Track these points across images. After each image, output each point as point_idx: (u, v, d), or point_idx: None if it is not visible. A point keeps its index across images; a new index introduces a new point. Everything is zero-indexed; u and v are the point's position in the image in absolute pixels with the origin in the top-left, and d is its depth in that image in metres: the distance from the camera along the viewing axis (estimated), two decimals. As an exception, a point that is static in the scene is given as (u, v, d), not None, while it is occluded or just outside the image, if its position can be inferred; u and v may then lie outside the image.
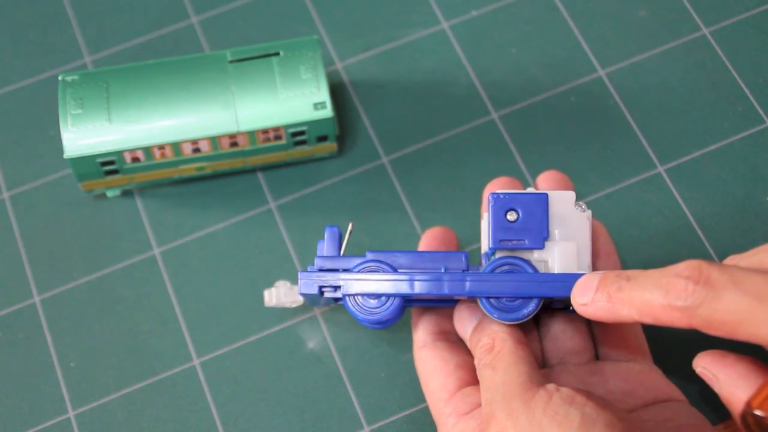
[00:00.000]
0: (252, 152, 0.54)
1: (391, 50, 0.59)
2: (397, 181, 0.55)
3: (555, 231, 0.45)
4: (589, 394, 0.40)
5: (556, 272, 0.44)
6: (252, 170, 0.56)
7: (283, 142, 0.53)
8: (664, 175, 0.55)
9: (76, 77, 0.53)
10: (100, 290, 0.54)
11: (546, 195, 0.44)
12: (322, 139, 0.54)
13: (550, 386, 0.40)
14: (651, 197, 0.54)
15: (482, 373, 0.43)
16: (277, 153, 0.54)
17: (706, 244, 0.53)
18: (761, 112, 0.56)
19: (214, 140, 0.53)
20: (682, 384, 0.47)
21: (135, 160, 0.53)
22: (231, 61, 0.53)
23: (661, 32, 0.58)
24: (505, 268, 0.44)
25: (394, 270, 0.45)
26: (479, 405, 0.45)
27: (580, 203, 0.45)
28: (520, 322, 0.44)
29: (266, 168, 0.56)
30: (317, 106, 0.53)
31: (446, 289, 0.44)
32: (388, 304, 0.44)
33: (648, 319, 0.39)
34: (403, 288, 0.44)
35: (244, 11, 0.60)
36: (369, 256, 0.45)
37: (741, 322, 0.36)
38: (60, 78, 0.53)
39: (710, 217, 0.53)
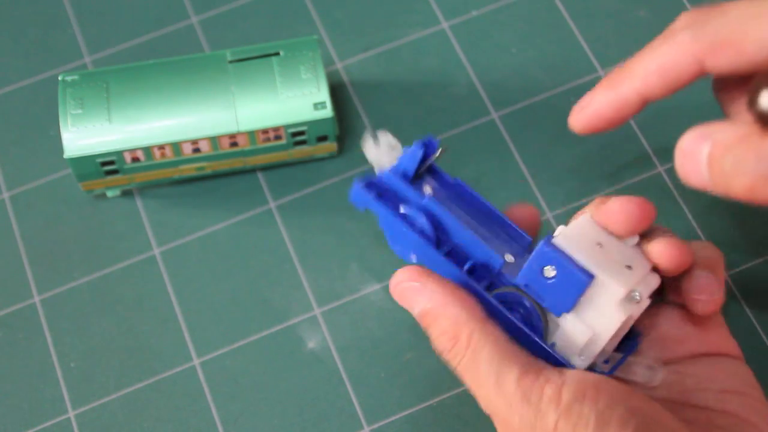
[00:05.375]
0: (252, 152, 0.54)
1: (391, 50, 0.59)
2: (397, 181, 0.55)
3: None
4: (598, 383, 0.38)
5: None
6: (252, 170, 0.56)
7: (283, 142, 0.54)
8: (664, 175, 0.55)
9: (76, 77, 0.53)
10: (100, 290, 0.54)
11: (590, 278, 0.39)
12: (322, 139, 0.54)
13: (553, 377, 0.38)
14: (651, 197, 0.54)
15: (458, 362, 0.40)
16: (277, 153, 0.54)
17: (706, 244, 0.53)
18: (761, 112, 0.56)
19: (214, 140, 0.53)
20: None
21: (135, 160, 0.53)
22: (231, 61, 0.53)
23: (661, 32, 0.58)
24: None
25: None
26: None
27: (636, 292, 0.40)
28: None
29: (266, 168, 0.56)
30: (317, 106, 0.53)
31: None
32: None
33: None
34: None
35: (244, 11, 0.60)
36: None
37: None
38: (60, 78, 0.53)
39: (710, 217, 0.53)
